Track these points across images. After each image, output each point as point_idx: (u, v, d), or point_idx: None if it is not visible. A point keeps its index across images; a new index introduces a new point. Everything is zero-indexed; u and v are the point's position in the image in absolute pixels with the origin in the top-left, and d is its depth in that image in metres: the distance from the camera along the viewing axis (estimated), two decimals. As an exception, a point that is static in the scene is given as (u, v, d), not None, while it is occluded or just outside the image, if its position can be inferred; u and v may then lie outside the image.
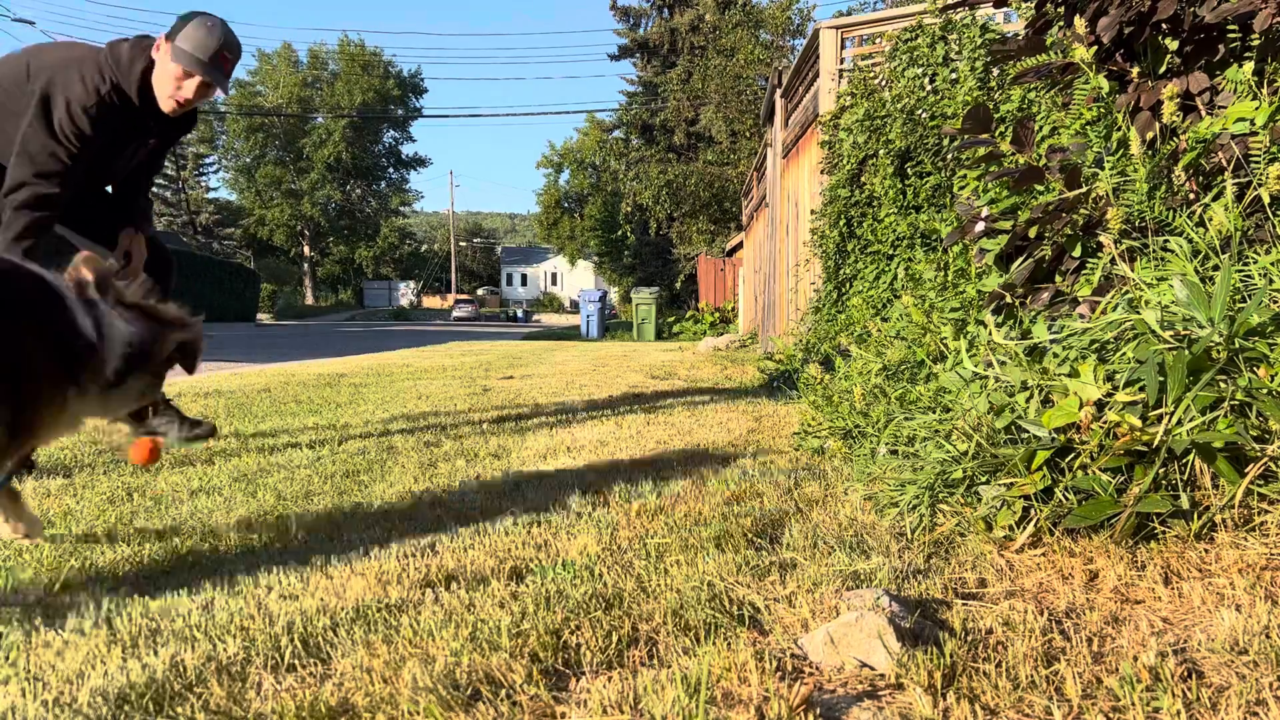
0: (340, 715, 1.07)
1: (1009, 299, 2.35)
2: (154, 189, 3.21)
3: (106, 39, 2.72)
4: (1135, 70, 2.21)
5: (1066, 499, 1.65)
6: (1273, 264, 1.74)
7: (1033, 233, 2.33)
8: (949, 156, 4.90)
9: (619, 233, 36.81)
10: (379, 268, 60.86)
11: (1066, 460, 1.67)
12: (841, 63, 6.51)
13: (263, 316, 43.74)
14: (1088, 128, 2.48)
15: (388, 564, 1.65)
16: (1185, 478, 1.60)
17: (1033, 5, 2.59)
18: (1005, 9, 5.46)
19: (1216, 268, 1.84)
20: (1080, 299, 2.14)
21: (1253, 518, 1.53)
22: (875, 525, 1.89)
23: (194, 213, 53.13)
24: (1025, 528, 1.67)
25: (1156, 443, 1.54)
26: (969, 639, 1.24)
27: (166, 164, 52.71)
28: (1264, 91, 2.04)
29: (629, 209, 26.25)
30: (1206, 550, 1.51)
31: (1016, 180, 2.26)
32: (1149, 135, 2.14)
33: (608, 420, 3.86)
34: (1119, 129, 2.27)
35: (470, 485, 2.46)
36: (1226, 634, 1.21)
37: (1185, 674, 1.11)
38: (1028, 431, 1.75)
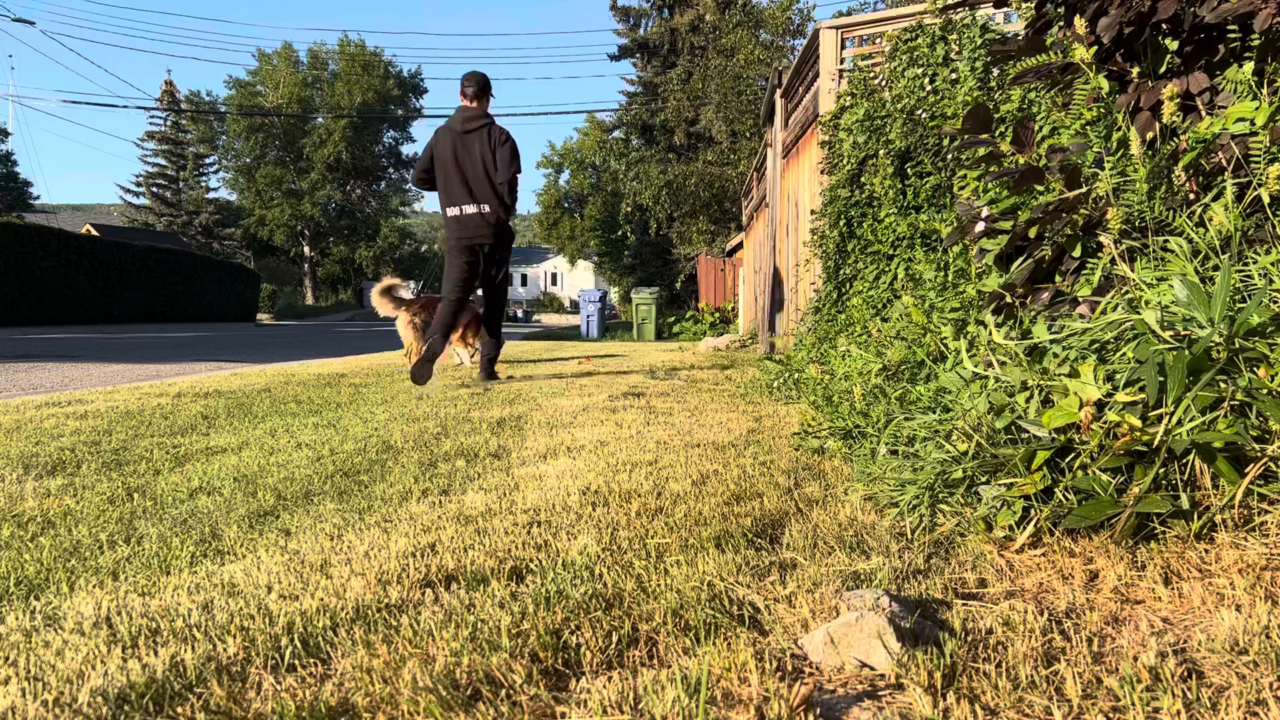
0: (340, 715, 1.07)
1: (1009, 299, 2.35)
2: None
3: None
4: (1135, 70, 2.21)
5: (1066, 499, 1.65)
6: (1273, 264, 1.74)
7: (1033, 233, 2.34)
8: (949, 156, 4.90)
9: (619, 233, 36.82)
10: (379, 268, 60.76)
11: (1066, 460, 1.67)
12: (841, 63, 6.51)
13: (263, 316, 43.73)
14: (1088, 128, 2.48)
15: (388, 564, 1.65)
16: (1185, 478, 1.60)
17: (1033, 5, 2.59)
18: (1005, 9, 5.46)
19: (1216, 268, 1.84)
20: (1080, 299, 2.14)
21: (1253, 518, 1.53)
22: (875, 525, 1.89)
23: (194, 213, 53.09)
24: (1025, 528, 1.67)
25: (1156, 443, 1.54)
26: (969, 639, 1.24)
27: (167, 164, 53.00)
28: (1264, 91, 2.04)
29: (629, 209, 26.23)
30: (1206, 550, 1.51)
31: (1016, 180, 2.26)
32: (1149, 135, 2.14)
33: (608, 420, 3.86)
34: (1119, 129, 2.27)
35: (470, 485, 2.46)
36: (1226, 634, 1.21)
37: (1185, 674, 1.11)
38: (1028, 431, 1.75)
